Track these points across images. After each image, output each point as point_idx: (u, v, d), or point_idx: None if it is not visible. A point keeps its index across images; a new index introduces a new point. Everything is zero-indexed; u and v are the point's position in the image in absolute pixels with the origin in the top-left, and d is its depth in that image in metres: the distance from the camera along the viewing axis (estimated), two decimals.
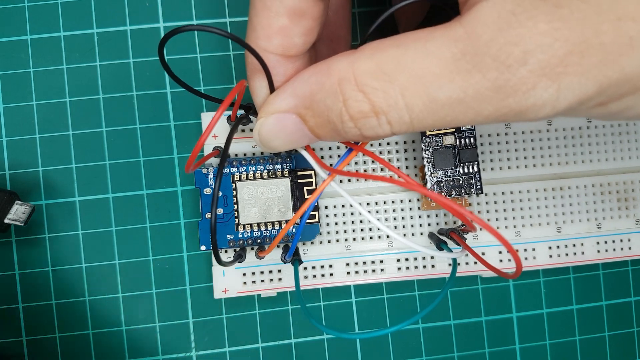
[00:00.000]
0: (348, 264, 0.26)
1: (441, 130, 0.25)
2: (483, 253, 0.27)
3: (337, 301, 0.28)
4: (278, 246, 0.25)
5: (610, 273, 0.29)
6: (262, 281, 0.26)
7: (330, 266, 0.26)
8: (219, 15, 0.28)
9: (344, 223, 0.26)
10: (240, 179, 0.25)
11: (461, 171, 0.25)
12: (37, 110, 0.27)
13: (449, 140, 0.25)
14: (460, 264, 0.26)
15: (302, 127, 0.18)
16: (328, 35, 0.22)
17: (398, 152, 0.27)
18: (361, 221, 0.26)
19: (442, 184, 0.25)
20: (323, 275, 0.26)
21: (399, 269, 0.26)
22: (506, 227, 0.27)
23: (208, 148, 0.25)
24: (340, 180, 0.26)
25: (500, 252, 0.27)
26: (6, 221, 0.24)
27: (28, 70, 0.27)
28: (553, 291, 0.29)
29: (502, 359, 0.29)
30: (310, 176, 0.25)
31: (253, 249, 0.26)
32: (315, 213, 0.25)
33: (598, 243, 0.27)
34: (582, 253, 0.27)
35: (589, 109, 0.15)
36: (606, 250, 0.27)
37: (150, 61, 0.28)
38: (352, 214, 0.26)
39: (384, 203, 0.26)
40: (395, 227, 0.27)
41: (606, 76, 0.14)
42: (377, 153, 0.27)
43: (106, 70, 0.28)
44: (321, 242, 0.26)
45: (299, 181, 0.25)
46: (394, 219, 0.27)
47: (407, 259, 0.26)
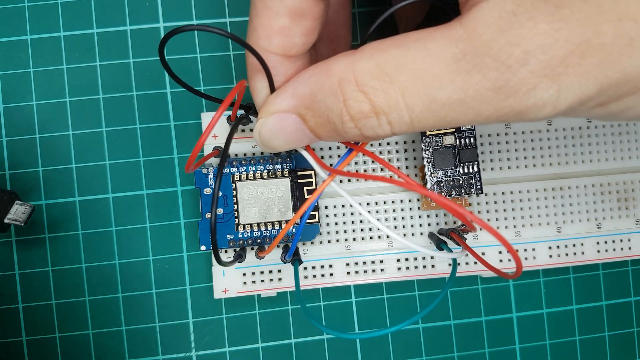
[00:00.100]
0: (348, 264, 0.26)
1: (441, 130, 0.25)
2: (483, 253, 0.27)
3: (337, 301, 0.28)
4: (278, 246, 0.25)
5: (610, 273, 0.29)
6: (262, 281, 0.26)
7: (330, 266, 0.26)
8: (219, 15, 0.28)
9: (344, 223, 0.26)
10: (240, 179, 0.25)
11: (461, 171, 0.25)
12: (37, 110, 0.27)
13: (449, 140, 0.25)
14: (460, 264, 0.26)
15: (303, 127, 0.18)
16: (328, 35, 0.22)
17: (398, 152, 0.27)
18: (361, 221, 0.26)
19: (442, 184, 0.25)
20: (323, 275, 0.26)
21: (399, 269, 0.26)
22: (506, 227, 0.27)
23: (208, 148, 0.25)
24: (340, 180, 0.26)
25: (500, 252, 0.27)
26: (6, 221, 0.24)
27: (28, 70, 0.27)
28: (553, 291, 0.29)
29: (502, 359, 0.29)
30: (310, 176, 0.25)
31: (253, 249, 0.26)
32: (315, 213, 0.25)
33: (598, 243, 0.27)
34: (582, 253, 0.27)
35: (590, 109, 0.15)
36: (606, 250, 0.27)
37: (150, 61, 0.28)
38: (352, 214, 0.26)
39: (384, 203, 0.26)
40: (395, 227, 0.27)
41: (607, 76, 0.14)
42: (377, 153, 0.27)
43: (106, 70, 0.28)
44: (321, 242, 0.26)
45: (299, 181, 0.25)
46: (394, 219, 0.27)
47: (407, 259, 0.26)
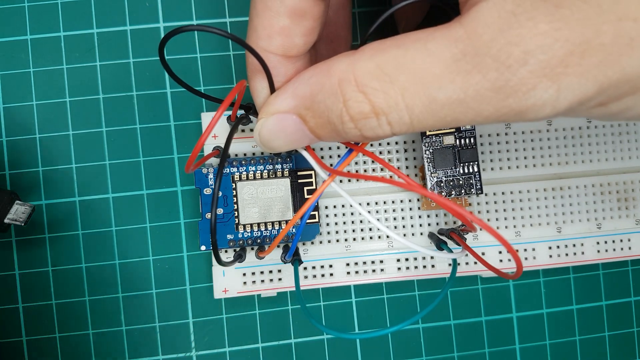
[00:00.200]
0: (348, 264, 0.26)
1: (441, 130, 0.25)
2: (483, 253, 0.27)
3: (337, 301, 0.28)
4: (278, 246, 0.25)
5: (610, 273, 0.29)
6: (262, 281, 0.26)
7: (330, 266, 0.26)
8: (219, 15, 0.28)
9: (344, 223, 0.26)
10: (240, 179, 0.25)
11: (461, 171, 0.25)
12: (37, 110, 0.27)
13: (449, 140, 0.25)
14: (460, 264, 0.26)
15: (303, 128, 0.18)
16: (328, 35, 0.22)
17: (398, 152, 0.27)
18: (361, 221, 0.26)
19: (442, 184, 0.25)
20: (323, 275, 0.26)
21: (399, 269, 0.26)
22: (506, 227, 0.27)
23: (208, 148, 0.25)
24: (340, 180, 0.26)
25: (500, 252, 0.27)
26: (6, 221, 0.24)
27: (28, 70, 0.27)
28: (553, 291, 0.29)
29: (502, 359, 0.29)
30: (310, 176, 0.25)
31: (253, 249, 0.26)
32: (315, 213, 0.25)
33: (598, 243, 0.27)
34: (582, 253, 0.27)
35: (589, 109, 0.15)
36: (606, 250, 0.27)
37: (150, 61, 0.28)
38: (352, 214, 0.26)
39: (384, 203, 0.26)
40: (395, 227, 0.27)
41: (606, 76, 0.14)
42: (377, 153, 0.27)
43: (106, 70, 0.28)
44: (321, 242, 0.26)
45: (299, 181, 0.25)
46: (394, 219, 0.27)
47: (407, 259, 0.26)
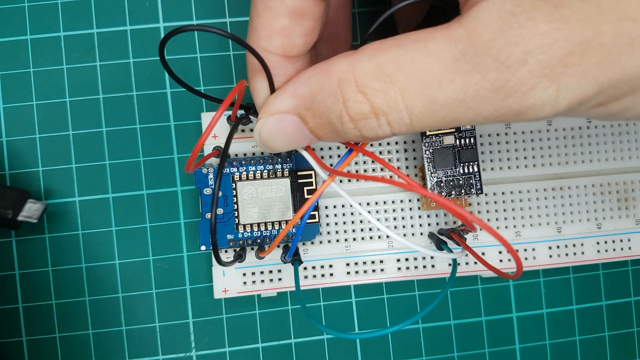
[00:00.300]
0: (348, 264, 0.26)
1: (441, 130, 0.25)
2: (483, 253, 0.27)
3: (337, 301, 0.28)
4: (278, 246, 0.25)
5: (610, 273, 0.29)
6: (262, 281, 0.26)
7: (330, 266, 0.26)
8: (219, 15, 0.28)
9: (344, 223, 0.26)
10: (240, 179, 0.25)
11: (461, 171, 0.25)
12: (37, 110, 0.27)
13: (449, 140, 0.25)
14: (460, 264, 0.26)
15: (302, 128, 0.18)
16: (328, 35, 0.22)
17: (398, 152, 0.27)
18: (361, 221, 0.26)
19: (442, 184, 0.25)
20: (323, 275, 0.26)
21: (399, 269, 0.26)
22: (506, 227, 0.27)
23: (208, 148, 0.25)
24: (340, 180, 0.26)
25: (500, 252, 0.27)
26: (20, 219, 0.25)
27: (28, 70, 0.27)
28: (553, 291, 0.29)
29: (502, 359, 0.29)
30: (310, 176, 0.25)
31: (253, 249, 0.26)
32: (315, 213, 0.25)
33: (598, 243, 0.27)
34: (582, 253, 0.27)
35: (589, 109, 0.15)
36: (606, 250, 0.27)
37: (150, 61, 0.28)
38: (352, 214, 0.26)
39: (384, 203, 0.26)
40: (395, 227, 0.27)
41: (606, 76, 0.14)
42: (377, 153, 0.27)
43: (106, 70, 0.28)
44: (321, 242, 0.26)
45: (299, 181, 0.25)
46: (394, 219, 0.27)
47: (407, 259, 0.26)
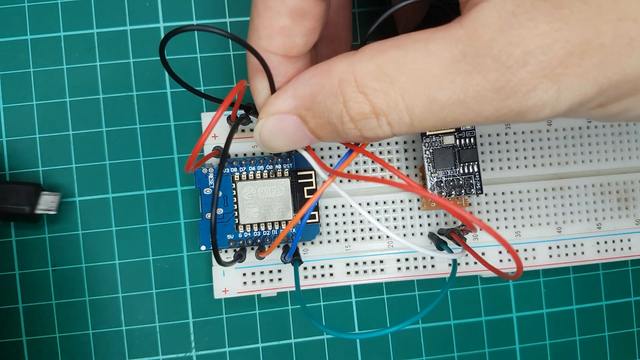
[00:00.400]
0: (348, 264, 0.26)
1: (441, 130, 0.25)
2: (483, 253, 0.27)
3: (337, 301, 0.28)
4: (278, 246, 0.25)
5: (610, 273, 0.29)
6: (262, 281, 0.26)
7: (330, 266, 0.26)
8: (219, 15, 0.28)
9: (344, 223, 0.26)
10: (240, 179, 0.25)
11: (461, 171, 0.25)
12: (37, 110, 0.27)
13: (449, 140, 0.25)
14: (460, 264, 0.26)
15: (303, 128, 0.18)
16: (329, 35, 0.22)
17: (398, 152, 0.27)
18: (361, 221, 0.26)
19: (442, 184, 0.25)
20: (323, 275, 0.26)
21: (399, 269, 0.26)
22: (506, 227, 0.27)
23: (208, 148, 0.25)
24: (340, 180, 0.26)
25: (500, 252, 0.27)
26: (38, 212, 0.25)
27: (28, 70, 0.27)
28: (553, 291, 0.29)
29: (502, 359, 0.29)
30: (310, 176, 0.25)
31: (253, 249, 0.26)
32: (315, 213, 0.25)
33: (598, 243, 0.27)
34: (582, 253, 0.27)
35: (589, 110, 0.15)
36: (606, 250, 0.27)
37: (150, 61, 0.28)
38: (352, 214, 0.26)
39: (384, 203, 0.26)
40: (395, 227, 0.27)
41: (606, 77, 0.14)
42: (377, 153, 0.27)
43: (106, 70, 0.28)
44: (321, 242, 0.26)
45: (299, 181, 0.25)
46: (394, 219, 0.27)
47: (407, 259, 0.26)
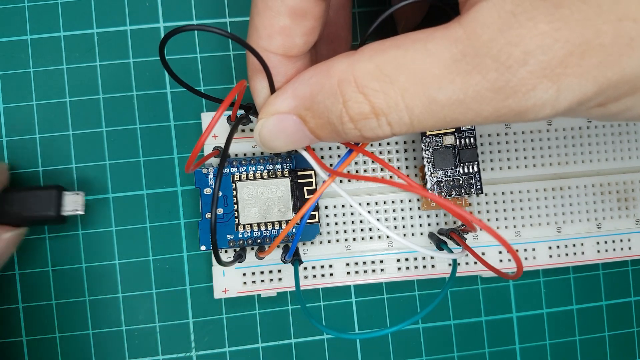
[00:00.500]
0: (348, 264, 0.26)
1: (441, 130, 0.25)
2: (483, 253, 0.27)
3: (337, 301, 0.28)
4: (278, 246, 0.25)
5: (610, 273, 0.29)
6: (262, 281, 0.26)
7: (330, 266, 0.26)
8: (219, 15, 0.28)
9: (344, 223, 0.26)
10: (240, 179, 0.25)
11: (461, 171, 0.25)
12: (37, 110, 0.27)
13: (449, 140, 0.25)
14: (460, 264, 0.26)
15: (303, 128, 0.18)
16: (329, 35, 0.22)
17: (398, 152, 0.27)
18: (361, 221, 0.26)
19: (442, 184, 0.25)
20: (323, 275, 0.26)
21: (399, 269, 0.26)
22: (506, 227, 0.27)
23: (208, 148, 0.25)
24: (340, 180, 0.26)
25: (500, 252, 0.27)
26: (66, 214, 0.24)
27: (28, 70, 0.27)
28: (553, 291, 0.29)
29: (502, 359, 0.29)
30: (310, 176, 0.25)
31: (253, 249, 0.26)
32: (315, 213, 0.25)
33: (598, 243, 0.27)
34: (582, 253, 0.27)
35: (589, 110, 0.15)
36: (606, 250, 0.27)
37: (150, 61, 0.28)
38: (352, 214, 0.26)
39: (384, 203, 0.26)
40: (395, 227, 0.27)
41: (606, 77, 0.14)
42: (377, 153, 0.27)
43: (106, 70, 0.28)
44: (321, 242, 0.26)
45: (299, 181, 0.25)
46: (394, 219, 0.27)
47: (407, 259, 0.26)
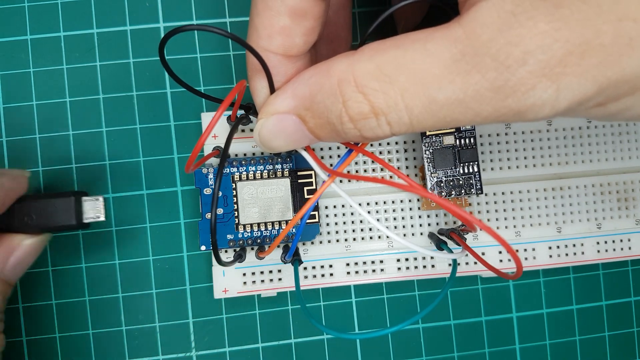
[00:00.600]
0: (348, 264, 0.26)
1: (441, 130, 0.25)
2: (483, 253, 0.27)
3: (337, 301, 0.28)
4: (278, 246, 0.25)
5: (610, 273, 0.29)
6: (262, 281, 0.26)
7: (330, 266, 0.26)
8: (219, 15, 0.28)
9: (344, 223, 0.26)
10: (240, 179, 0.25)
11: (461, 171, 0.25)
12: (37, 110, 0.27)
13: (449, 140, 0.25)
14: (460, 264, 0.26)
15: (302, 128, 0.18)
16: (328, 35, 0.22)
17: (398, 152, 0.27)
18: (361, 221, 0.26)
19: (442, 184, 0.25)
20: (323, 275, 0.26)
21: (399, 269, 0.26)
22: (506, 227, 0.27)
23: (208, 148, 0.25)
24: (340, 180, 0.26)
25: (500, 252, 0.27)
26: (87, 220, 0.24)
27: (28, 70, 0.27)
28: (553, 291, 0.29)
29: (502, 359, 0.29)
30: (310, 176, 0.25)
31: (253, 249, 0.26)
32: (315, 213, 0.25)
33: (598, 243, 0.27)
34: (582, 253, 0.27)
35: (588, 110, 0.15)
36: (606, 250, 0.27)
37: (150, 61, 0.28)
38: (352, 214, 0.26)
39: (384, 203, 0.26)
40: (395, 227, 0.27)
41: (606, 77, 0.14)
42: (377, 153, 0.27)
43: (106, 70, 0.28)
44: (321, 242, 0.26)
45: (299, 181, 0.25)
46: (394, 219, 0.27)
47: (407, 259, 0.26)
